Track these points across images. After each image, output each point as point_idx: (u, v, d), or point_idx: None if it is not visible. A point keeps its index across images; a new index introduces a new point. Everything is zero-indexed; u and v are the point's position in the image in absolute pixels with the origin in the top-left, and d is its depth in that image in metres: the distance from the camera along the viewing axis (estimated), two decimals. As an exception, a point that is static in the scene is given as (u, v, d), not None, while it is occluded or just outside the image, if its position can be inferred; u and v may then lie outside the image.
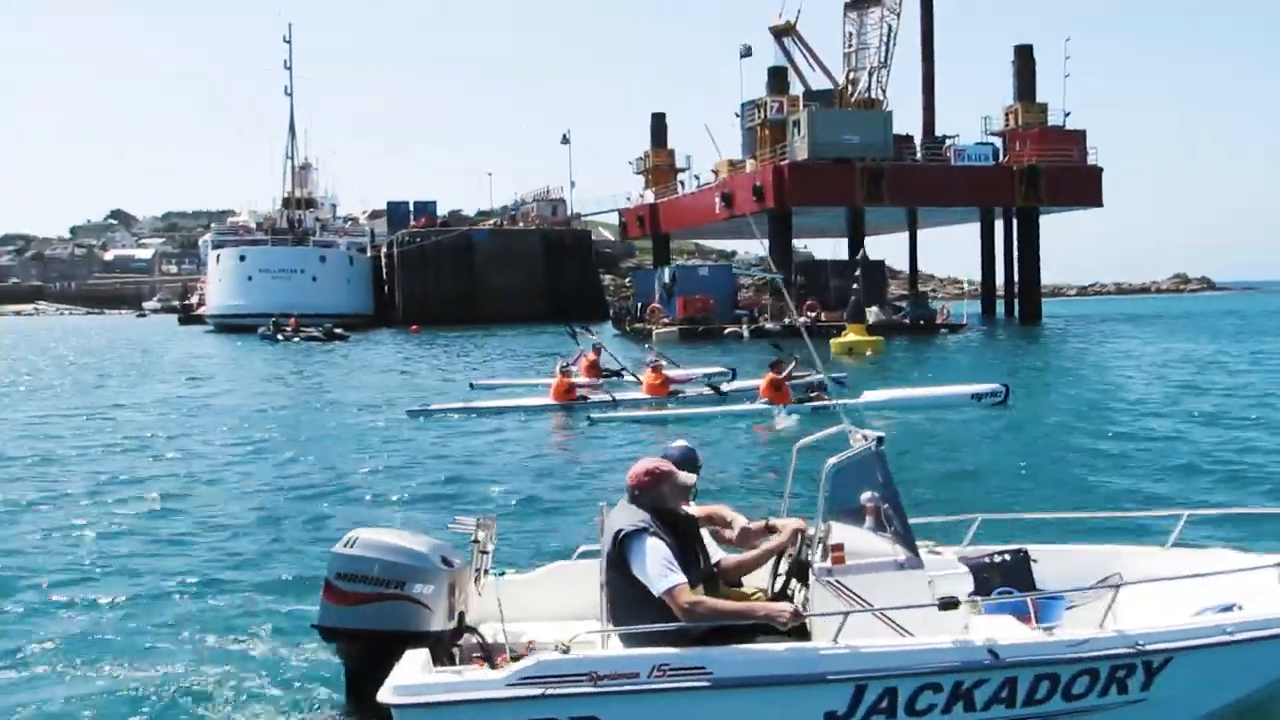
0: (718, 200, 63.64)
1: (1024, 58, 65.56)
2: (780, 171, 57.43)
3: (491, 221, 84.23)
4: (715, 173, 68.38)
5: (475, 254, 75.81)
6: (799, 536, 5.70)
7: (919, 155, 61.18)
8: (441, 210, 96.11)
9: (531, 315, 69.25)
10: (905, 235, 78.32)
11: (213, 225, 79.84)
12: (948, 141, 63.22)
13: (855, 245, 79.66)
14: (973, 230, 73.53)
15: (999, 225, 69.10)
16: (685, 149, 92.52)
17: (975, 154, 60.62)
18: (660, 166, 76.81)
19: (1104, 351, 37.23)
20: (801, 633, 5.13)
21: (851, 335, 35.54)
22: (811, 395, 19.32)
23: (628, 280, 74.07)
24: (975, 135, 66.44)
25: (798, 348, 19.71)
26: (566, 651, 4.79)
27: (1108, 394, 23.13)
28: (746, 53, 66.80)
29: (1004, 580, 6.24)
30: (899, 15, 66.51)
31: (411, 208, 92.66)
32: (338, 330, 52.92)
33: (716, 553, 5.83)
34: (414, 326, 63.18)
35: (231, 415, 21.94)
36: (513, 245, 76.86)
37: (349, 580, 5.11)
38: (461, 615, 5.44)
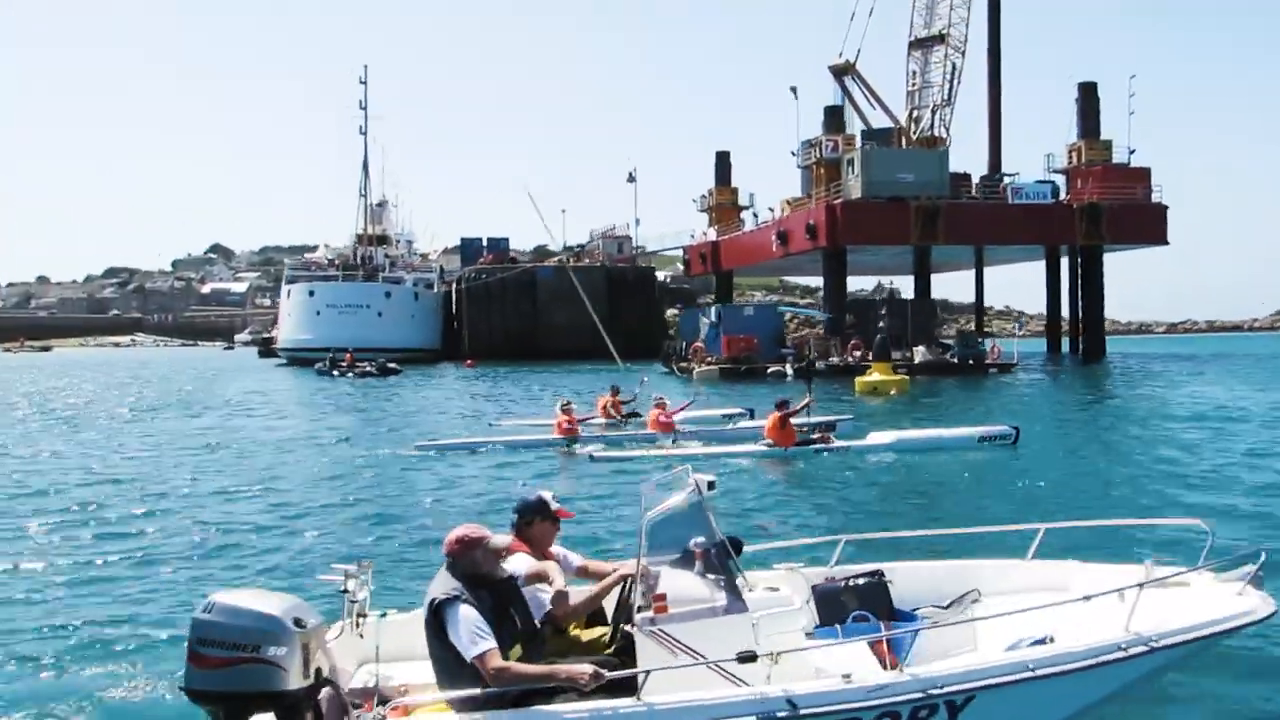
0: (774, 238, 63.87)
1: (1088, 95, 64.88)
2: (833, 210, 57.47)
3: (556, 259, 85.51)
4: (770, 210, 68.89)
5: (538, 290, 76.92)
6: (627, 582, 5.91)
7: (975, 193, 60.61)
8: (515, 246, 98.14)
9: (593, 351, 69.79)
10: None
11: (285, 261, 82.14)
12: (1006, 179, 62.59)
13: (921, 283, 79.74)
14: (1039, 267, 72.76)
15: (1065, 262, 68.40)
16: (750, 186, 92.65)
17: (1033, 192, 59.96)
18: (723, 204, 77.35)
19: (1156, 395, 35.32)
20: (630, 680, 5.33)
21: (876, 375, 35.47)
22: (815, 437, 19.46)
23: (669, 317, 74.02)
24: (1038, 172, 66.00)
25: (827, 388, 20.45)
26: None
27: (1134, 446, 21.32)
28: (795, 94, 67.12)
29: (860, 604, 6.38)
30: (963, 53, 66.51)
31: (484, 244, 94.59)
32: (391, 365, 54.23)
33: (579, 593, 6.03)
34: (469, 361, 64.34)
35: (229, 447, 22.88)
36: (575, 282, 77.80)
37: (207, 645, 5.31)
38: (319, 671, 5.54)
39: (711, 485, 5.95)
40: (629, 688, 5.25)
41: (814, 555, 7.54)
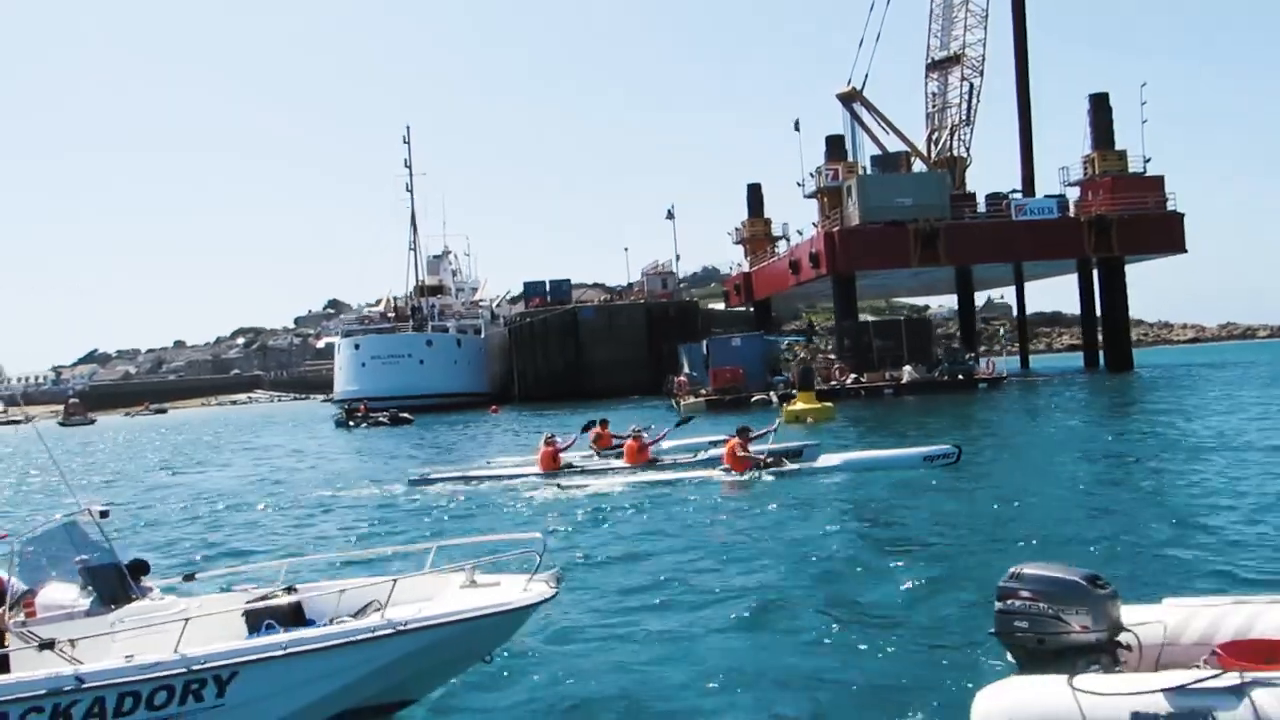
0: (788, 267, 64.91)
1: (1099, 106, 64.15)
2: (832, 237, 58.27)
3: (602, 297, 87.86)
4: (799, 233, 69.87)
5: (580, 330, 79.11)
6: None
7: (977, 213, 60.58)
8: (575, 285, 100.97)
9: (636, 388, 71.33)
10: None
11: (341, 314, 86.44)
12: (1012, 196, 62.30)
13: (964, 302, 79.50)
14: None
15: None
16: (785, 216, 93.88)
17: (1037, 207, 59.65)
18: (757, 235, 78.49)
19: (1162, 414, 31.88)
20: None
21: (800, 404, 36.37)
22: (768, 461, 20.17)
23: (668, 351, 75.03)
24: (1057, 187, 65.50)
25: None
26: None
27: (1046, 470, 20.00)
28: (797, 127, 68.32)
29: (272, 616, 7.49)
30: (981, 73, 66.73)
31: (547, 287, 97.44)
32: (404, 414, 56.57)
33: None
34: (494, 407, 66.44)
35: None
36: (616, 320, 79.74)
37: None
38: None
39: (105, 514, 7.62)
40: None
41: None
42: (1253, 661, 5.19)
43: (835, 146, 65.91)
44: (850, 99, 66.84)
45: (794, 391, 40.99)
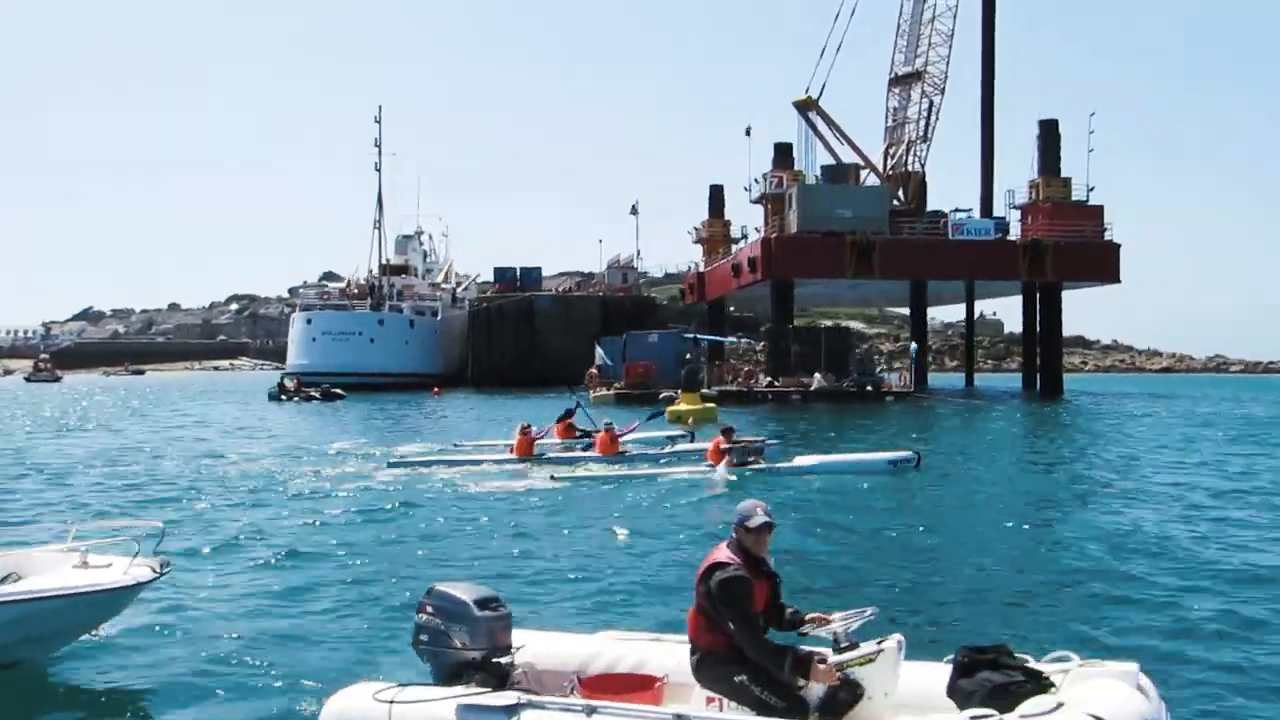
0: (730, 271, 65.79)
1: (1049, 132, 64.92)
2: (769, 244, 59.13)
3: (561, 288, 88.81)
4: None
5: (536, 318, 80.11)
6: None
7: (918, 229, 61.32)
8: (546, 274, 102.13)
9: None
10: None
11: (300, 291, 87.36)
12: (954, 215, 63.04)
13: (917, 315, 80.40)
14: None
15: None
16: (749, 219, 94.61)
17: (974, 228, 60.41)
18: (715, 236, 79.25)
19: (1038, 444, 31.23)
20: None
21: (684, 404, 37.26)
22: (749, 460, 21.07)
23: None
24: (1000, 209, 66.28)
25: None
26: None
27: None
28: (748, 132, 69.15)
29: None
30: (942, 91, 67.32)
31: (518, 274, 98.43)
32: (336, 390, 57.65)
33: None
34: (435, 389, 67.44)
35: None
36: (572, 311, 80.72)
37: None
38: None
39: None
40: None
41: None
42: (607, 692, 5.78)
43: (783, 154, 66.76)
44: (806, 107, 67.50)
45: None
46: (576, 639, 6.66)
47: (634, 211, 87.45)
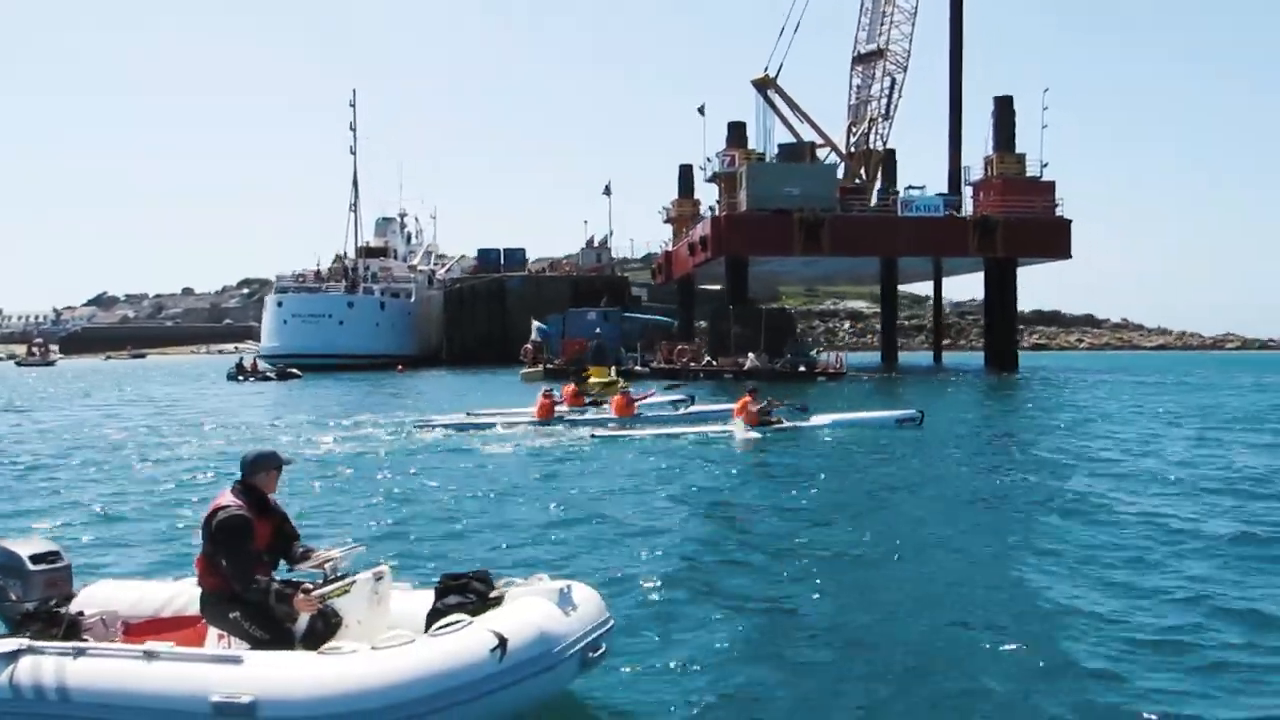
0: (686, 250, 66.25)
1: (1003, 108, 64.88)
2: (719, 222, 59.55)
3: (536, 269, 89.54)
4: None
5: (508, 299, 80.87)
6: None
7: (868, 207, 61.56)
8: (531, 256, 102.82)
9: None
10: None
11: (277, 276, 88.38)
12: (909, 192, 63.21)
13: (888, 293, 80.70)
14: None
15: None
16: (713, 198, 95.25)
17: (924, 204, 60.50)
18: (684, 215, 79.63)
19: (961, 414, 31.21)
20: None
21: (593, 378, 38.07)
22: (772, 420, 22.26)
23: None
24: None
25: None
26: None
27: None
28: (701, 111, 69.42)
29: None
30: (905, 69, 67.32)
31: (501, 256, 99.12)
32: (291, 370, 58.75)
33: None
34: (400, 367, 68.38)
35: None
36: (543, 291, 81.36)
37: None
38: None
39: None
40: None
41: None
42: (148, 635, 6.12)
43: (736, 133, 67.06)
44: (765, 86, 67.77)
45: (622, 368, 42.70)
46: (154, 585, 7.03)
47: (607, 192, 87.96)
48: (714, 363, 52.13)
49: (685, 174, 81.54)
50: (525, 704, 5.78)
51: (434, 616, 6.18)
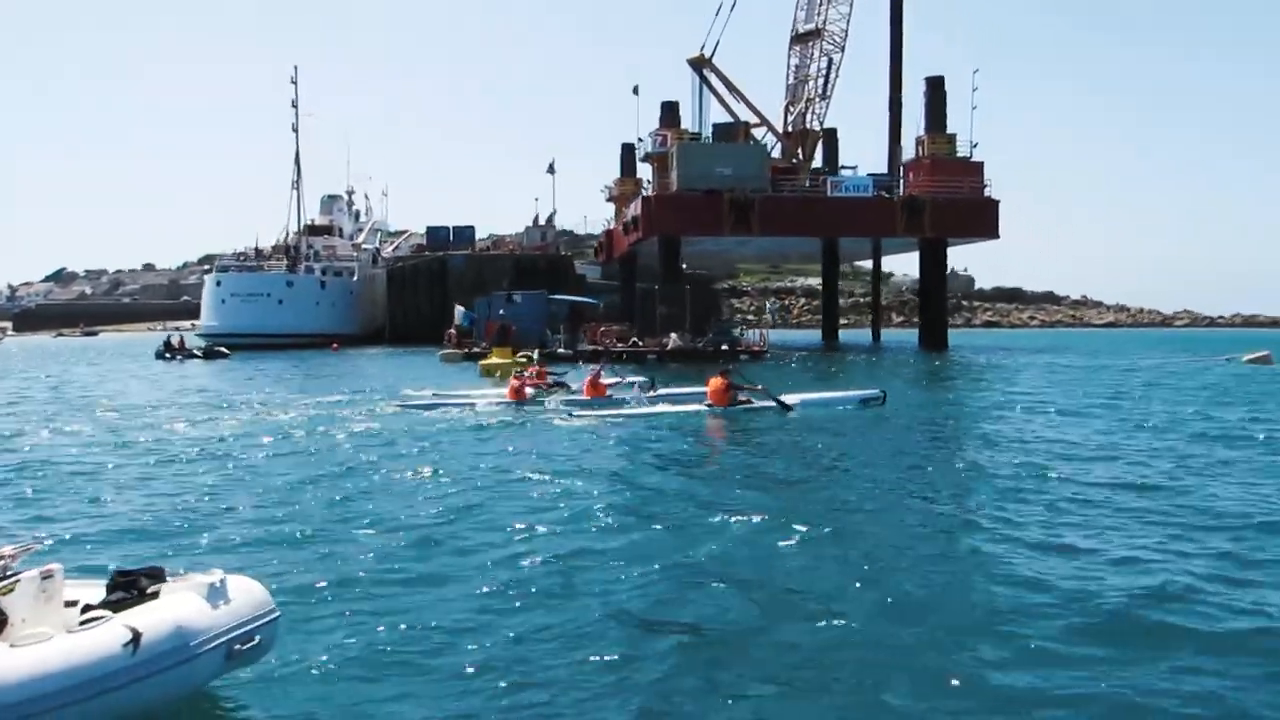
0: (622, 229, 66.43)
1: (935, 89, 65.31)
2: (649, 202, 59.77)
3: (480, 247, 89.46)
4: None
5: (449, 278, 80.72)
6: None
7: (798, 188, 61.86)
8: (481, 234, 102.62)
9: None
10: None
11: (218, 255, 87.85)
12: (844, 173, 63.67)
13: (830, 272, 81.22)
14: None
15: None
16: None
17: (854, 185, 60.98)
18: (626, 194, 79.63)
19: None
20: None
21: (495, 359, 38.26)
22: (741, 399, 23.04)
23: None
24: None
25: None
26: None
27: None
28: (635, 91, 69.69)
29: None
30: (843, 50, 67.48)
31: (450, 234, 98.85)
32: (219, 349, 58.59)
33: None
34: (334, 345, 68.30)
35: None
36: (484, 270, 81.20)
37: None
38: None
39: None
40: None
41: None
42: None
43: (670, 112, 67.14)
44: (700, 65, 67.87)
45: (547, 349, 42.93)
46: None
47: (551, 170, 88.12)
48: (639, 343, 52.35)
49: (627, 153, 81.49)
50: (163, 697, 5.95)
51: (85, 613, 6.32)
